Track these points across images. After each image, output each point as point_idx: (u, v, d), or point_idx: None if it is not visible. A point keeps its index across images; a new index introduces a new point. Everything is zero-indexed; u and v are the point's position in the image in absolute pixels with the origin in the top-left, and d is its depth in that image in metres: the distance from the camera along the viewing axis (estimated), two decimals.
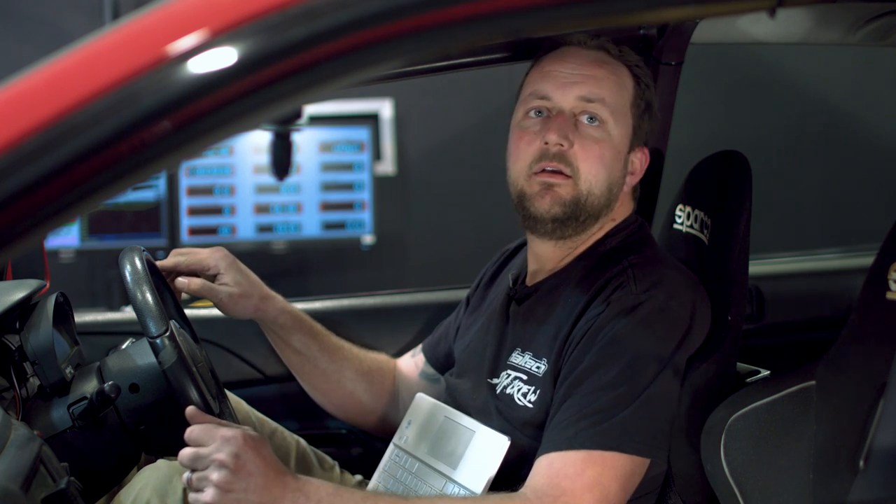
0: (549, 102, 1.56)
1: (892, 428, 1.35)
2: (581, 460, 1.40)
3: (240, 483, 1.35)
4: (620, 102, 1.56)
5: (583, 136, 1.53)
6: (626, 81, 1.58)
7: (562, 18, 0.99)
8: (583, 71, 1.56)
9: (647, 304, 1.46)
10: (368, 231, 3.75)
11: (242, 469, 1.35)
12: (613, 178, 1.56)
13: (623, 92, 1.57)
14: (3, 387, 1.55)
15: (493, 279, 1.82)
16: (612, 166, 1.55)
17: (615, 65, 1.59)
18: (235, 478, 1.35)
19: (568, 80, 1.55)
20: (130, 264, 1.57)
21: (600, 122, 1.54)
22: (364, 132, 3.81)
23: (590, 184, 1.53)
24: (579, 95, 1.54)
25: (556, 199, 1.54)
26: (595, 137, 1.54)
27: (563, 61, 1.58)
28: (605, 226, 1.60)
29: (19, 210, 0.85)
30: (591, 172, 1.53)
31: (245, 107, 0.88)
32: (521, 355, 1.56)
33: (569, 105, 1.55)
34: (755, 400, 1.49)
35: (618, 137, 1.55)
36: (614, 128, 1.55)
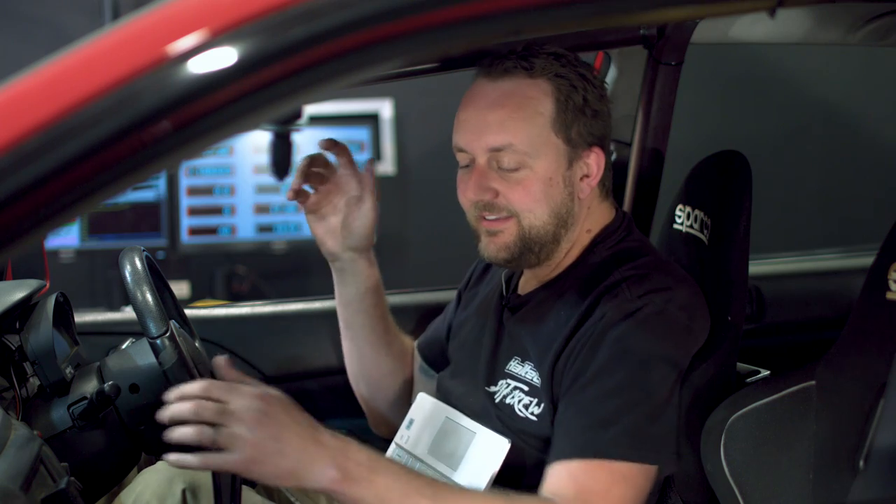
0: (466, 154, 1.56)
1: (892, 428, 1.35)
2: (604, 477, 1.39)
3: (272, 443, 1.29)
4: (535, 133, 1.51)
5: (505, 180, 1.52)
6: (539, 106, 1.52)
7: (562, 18, 0.99)
8: (486, 116, 1.52)
9: (645, 309, 1.46)
10: None
11: (272, 426, 1.29)
12: (555, 202, 1.53)
13: (536, 120, 1.51)
14: (3, 387, 1.55)
15: (484, 274, 1.81)
16: (546, 195, 1.52)
17: (524, 91, 1.52)
18: (267, 436, 1.29)
19: (475, 130, 1.53)
20: (130, 264, 1.57)
21: (517, 164, 1.52)
22: (364, 132, 3.81)
23: (529, 219, 1.53)
24: (487, 147, 1.52)
25: (500, 245, 1.54)
26: (517, 179, 1.52)
27: (469, 107, 1.55)
28: (581, 237, 1.59)
29: (19, 210, 0.85)
30: (526, 209, 1.52)
31: (245, 107, 0.88)
32: (521, 365, 1.55)
33: (482, 156, 1.53)
34: (755, 400, 1.49)
35: (543, 167, 1.52)
36: (536, 161, 1.51)
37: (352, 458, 1.33)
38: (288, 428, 1.31)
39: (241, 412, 1.29)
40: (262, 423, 1.29)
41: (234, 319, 2.22)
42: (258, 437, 1.29)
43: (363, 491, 1.32)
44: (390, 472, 1.34)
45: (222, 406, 1.30)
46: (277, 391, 1.36)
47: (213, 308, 2.27)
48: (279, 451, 1.29)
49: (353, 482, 1.32)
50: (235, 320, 2.22)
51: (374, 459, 1.35)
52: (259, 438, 1.29)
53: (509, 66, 1.53)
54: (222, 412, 1.29)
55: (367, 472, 1.33)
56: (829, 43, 1.85)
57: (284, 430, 1.30)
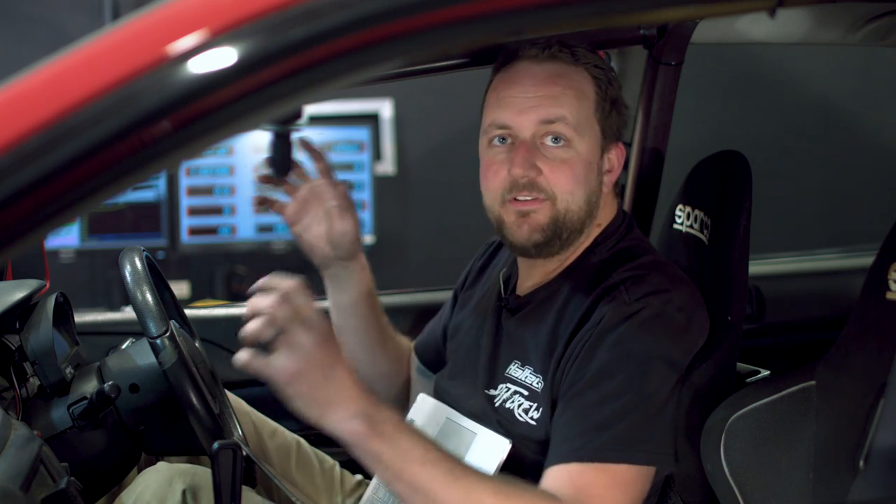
0: (509, 130, 1.53)
1: (892, 428, 1.35)
2: (603, 480, 1.39)
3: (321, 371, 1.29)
4: (583, 114, 1.52)
5: (550, 158, 1.51)
6: (585, 88, 1.54)
7: (562, 18, 0.99)
8: (538, 92, 1.52)
9: (644, 311, 1.45)
10: (368, 231, 3.75)
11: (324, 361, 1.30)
12: (590, 189, 1.54)
13: (584, 101, 1.53)
14: (3, 387, 1.55)
15: (481, 274, 1.81)
16: (586, 179, 1.53)
17: (571, 73, 1.54)
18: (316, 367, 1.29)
19: (524, 105, 1.52)
20: (130, 264, 1.57)
21: (565, 141, 1.51)
22: (364, 132, 3.81)
23: (567, 202, 1.52)
24: (538, 120, 1.51)
25: (533, 226, 1.52)
26: (562, 158, 1.51)
27: (516, 84, 1.54)
28: (592, 232, 1.59)
29: (19, 210, 0.85)
30: (566, 191, 1.52)
31: (245, 107, 0.88)
32: (521, 369, 1.55)
33: (529, 131, 1.52)
34: (755, 400, 1.49)
35: (586, 150, 1.53)
36: (580, 142, 1.52)
37: (381, 414, 1.33)
38: (335, 368, 1.31)
39: (309, 327, 1.30)
40: (320, 348, 1.30)
41: (234, 319, 2.22)
42: (313, 356, 1.29)
43: (384, 447, 1.32)
44: (414, 438, 1.35)
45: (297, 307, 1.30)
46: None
47: (213, 308, 2.27)
48: (323, 378, 1.30)
49: (377, 437, 1.32)
50: (235, 320, 2.21)
51: (400, 422, 1.35)
52: (313, 358, 1.29)
53: (555, 52, 1.54)
54: (295, 319, 1.30)
55: (392, 430, 1.33)
56: (829, 43, 1.85)
57: (330, 367, 1.30)
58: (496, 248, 1.82)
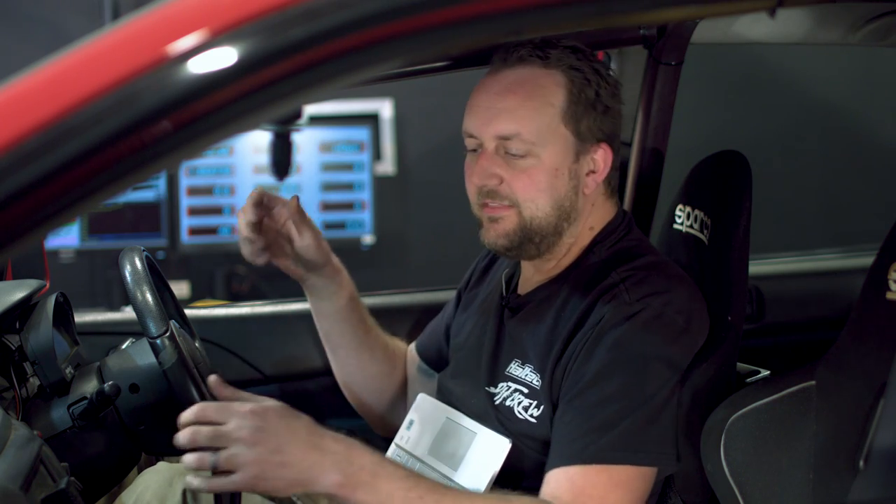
0: (475, 140, 1.55)
1: (892, 428, 1.35)
2: (603, 481, 1.40)
3: (272, 457, 1.29)
4: (545, 123, 1.51)
5: (511, 167, 1.52)
6: (550, 96, 1.52)
7: (562, 18, 0.99)
8: (497, 104, 1.52)
9: (644, 312, 1.45)
10: (368, 231, 3.75)
11: (270, 442, 1.29)
12: (559, 194, 1.53)
13: (546, 110, 1.52)
14: (3, 387, 1.55)
15: (484, 274, 1.81)
16: (550, 186, 1.52)
17: (537, 80, 1.53)
18: (266, 452, 1.29)
19: (485, 116, 1.53)
20: (130, 264, 1.57)
21: (524, 152, 1.52)
22: (364, 132, 3.81)
23: (531, 209, 1.52)
24: (495, 134, 1.52)
25: (499, 231, 1.54)
26: (523, 167, 1.52)
27: (481, 92, 1.55)
28: (584, 234, 1.59)
29: (19, 210, 0.85)
30: (528, 199, 1.52)
31: (245, 107, 0.88)
32: (522, 367, 1.55)
33: (491, 143, 1.53)
34: (755, 400, 1.49)
35: (550, 157, 1.52)
36: (543, 150, 1.51)
37: (355, 462, 1.34)
38: (287, 439, 1.31)
39: (236, 432, 1.30)
40: (259, 439, 1.30)
41: (234, 319, 2.22)
42: (258, 453, 1.29)
43: (366, 495, 1.33)
44: (393, 477, 1.35)
45: (217, 429, 1.31)
46: (273, 401, 1.37)
47: (213, 308, 2.27)
48: (281, 463, 1.30)
49: (357, 487, 1.33)
50: (235, 320, 2.22)
51: (378, 463, 1.35)
52: (259, 455, 1.29)
53: (524, 55, 1.53)
54: (218, 435, 1.30)
55: (370, 476, 1.33)
56: (829, 43, 1.85)
57: (284, 441, 1.31)
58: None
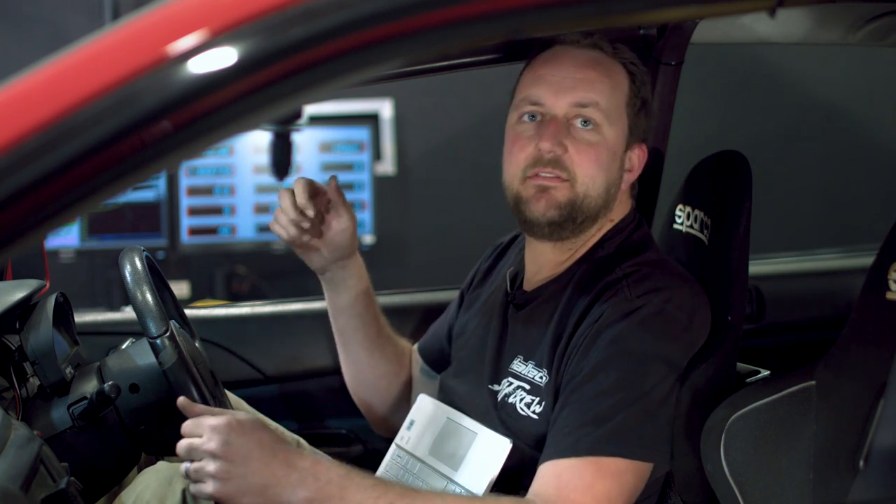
0: (542, 108, 1.55)
1: (892, 428, 1.35)
2: (590, 472, 1.39)
3: (236, 469, 1.33)
4: (614, 103, 1.55)
5: (577, 139, 1.53)
6: (620, 81, 1.57)
7: (562, 18, 0.99)
8: (575, 74, 1.55)
9: (644, 309, 1.46)
10: (368, 231, 3.75)
11: (236, 455, 1.33)
12: (611, 178, 1.56)
13: (617, 92, 1.56)
14: (3, 387, 1.55)
15: (488, 274, 1.81)
16: (608, 167, 1.55)
17: (609, 64, 1.57)
18: (230, 465, 1.33)
19: (561, 85, 1.54)
20: (130, 264, 1.57)
21: (594, 126, 1.53)
22: (364, 132, 3.81)
23: (586, 186, 1.53)
24: (572, 101, 1.53)
25: (551, 202, 1.53)
26: (590, 141, 1.53)
27: (555, 64, 1.57)
28: (604, 227, 1.59)
29: (19, 210, 0.85)
30: (587, 175, 1.53)
31: (245, 107, 0.88)
32: (524, 364, 1.55)
33: (562, 110, 1.54)
34: (755, 400, 1.49)
35: (613, 138, 1.55)
36: (609, 129, 1.54)
37: (322, 476, 1.35)
38: (251, 454, 1.34)
39: (204, 444, 1.34)
40: (222, 454, 1.33)
41: (234, 319, 2.22)
42: (221, 467, 1.33)
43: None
44: (361, 487, 1.36)
45: (191, 441, 1.36)
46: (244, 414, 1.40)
47: (213, 308, 2.27)
48: (244, 476, 1.33)
49: (326, 501, 1.34)
50: (235, 320, 2.22)
51: (345, 476, 1.37)
52: (222, 468, 1.33)
53: (596, 41, 1.58)
54: (192, 449, 1.35)
55: (337, 489, 1.35)
56: (829, 43, 1.85)
57: (247, 456, 1.34)
58: (503, 249, 1.83)
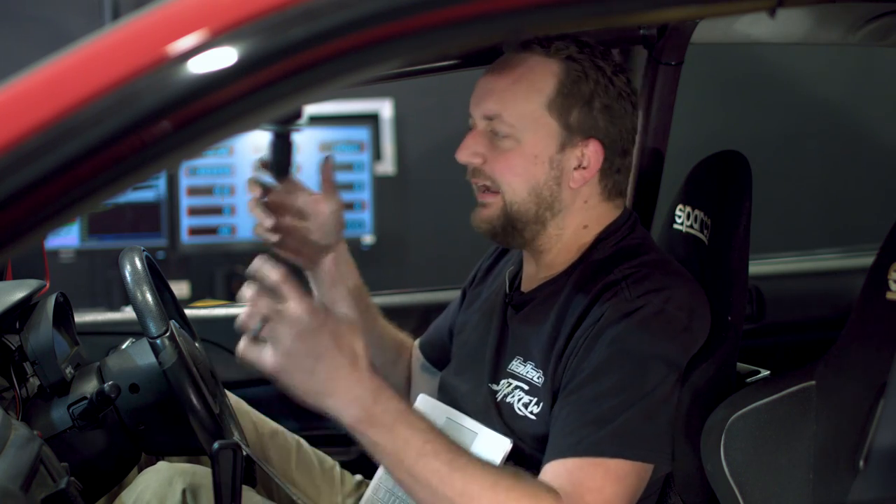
0: (471, 119, 1.60)
1: (892, 428, 1.35)
2: (599, 474, 1.39)
3: (306, 362, 1.28)
4: (528, 108, 1.53)
5: (494, 148, 1.56)
6: (540, 83, 1.54)
7: (562, 18, 0.99)
8: (488, 84, 1.57)
9: (644, 309, 1.46)
10: (368, 231, 3.75)
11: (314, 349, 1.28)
12: (537, 182, 1.55)
13: (532, 96, 1.53)
14: (3, 387, 1.55)
15: (489, 273, 1.81)
16: (526, 172, 1.54)
17: (530, 65, 1.55)
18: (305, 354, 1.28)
19: (478, 97, 1.58)
20: (130, 264, 1.57)
21: (505, 134, 1.55)
22: (364, 132, 3.81)
23: (510, 194, 1.55)
24: (482, 114, 1.57)
25: (482, 217, 1.59)
26: (503, 148, 1.55)
27: (484, 74, 1.60)
28: (578, 233, 1.58)
29: (19, 210, 0.85)
30: (506, 182, 1.55)
31: (245, 107, 0.88)
32: (523, 364, 1.55)
33: (480, 122, 1.58)
34: (755, 400, 1.49)
35: (530, 143, 1.54)
36: (523, 135, 1.54)
37: (381, 402, 1.31)
38: (327, 353, 1.29)
39: (289, 319, 1.28)
40: (303, 338, 1.28)
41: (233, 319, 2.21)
42: (294, 349, 1.28)
43: (382, 437, 1.32)
44: (413, 427, 1.33)
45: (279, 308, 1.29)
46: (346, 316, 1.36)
47: (213, 308, 2.27)
48: (310, 370, 1.29)
49: (375, 427, 1.31)
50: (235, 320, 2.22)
51: (403, 410, 1.33)
52: (294, 351, 1.28)
53: (529, 42, 1.57)
54: (275, 310, 1.29)
55: (391, 420, 1.32)
56: (829, 43, 1.85)
57: (323, 353, 1.29)
58: (505, 248, 1.83)
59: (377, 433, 1.31)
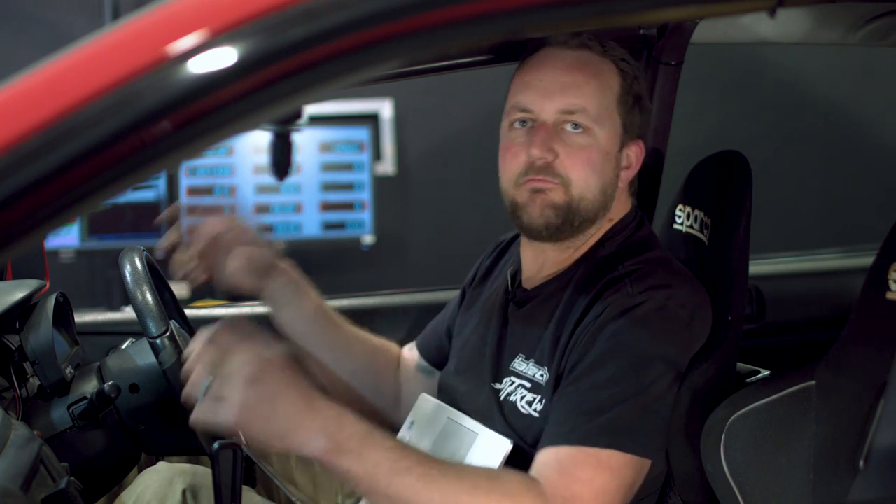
0: (531, 114, 1.55)
1: (892, 428, 1.35)
2: (591, 465, 1.39)
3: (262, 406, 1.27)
4: (604, 104, 1.54)
5: (568, 144, 1.52)
6: (610, 80, 1.56)
7: (562, 18, 0.99)
8: (562, 79, 1.54)
9: (645, 305, 1.45)
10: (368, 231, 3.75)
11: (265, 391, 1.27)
12: (606, 179, 1.55)
13: (607, 92, 1.55)
14: (3, 387, 1.56)
15: (489, 273, 1.81)
16: (602, 169, 1.54)
17: (598, 64, 1.56)
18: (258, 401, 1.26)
19: (548, 91, 1.54)
20: (130, 264, 1.57)
21: (584, 129, 1.53)
22: (364, 132, 3.81)
23: (581, 189, 1.53)
24: (560, 107, 1.53)
25: (546, 202, 1.53)
26: (581, 144, 1.52)
27: (542, 68, 1.56)
28: (604, 226, 1.59)
29: (19, 210, 0.85)
30: (580, 178, 1.53)
31: (245, 107, 0.88)
32: (525, 362, 1.55)
33: (551, 116, 1.53)
34: (755, 400, 1.49)
35: (605, 139, 1.54)
36: (600, 131, 1.53)
37: (345, 429, 1.31)
38: (280, 392, 1.28)
39: (235, 369, 1.28)
40: (253, 384, 1.27)
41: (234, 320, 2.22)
42: (247, 397, 1.27)
43: (352, 464, 1.30)
44: (381, 448, 1.32)
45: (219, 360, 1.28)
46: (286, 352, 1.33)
47: (213, 308, 2.27)
48: (268, 413, 1.27)
49: (343, 454, 1.30)
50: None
51: (368, 433, 1.32)
52: (248, 398, 1.27)
53: (584, 41, 1.56)
54: (219, 364, 1.28)
55: (357, 444, 1.31)
56: (829, 43, 1.85)
57: (277, 393, 1.28)
58: (505, 248, 1.82)
59: (347, 460, 1.30)
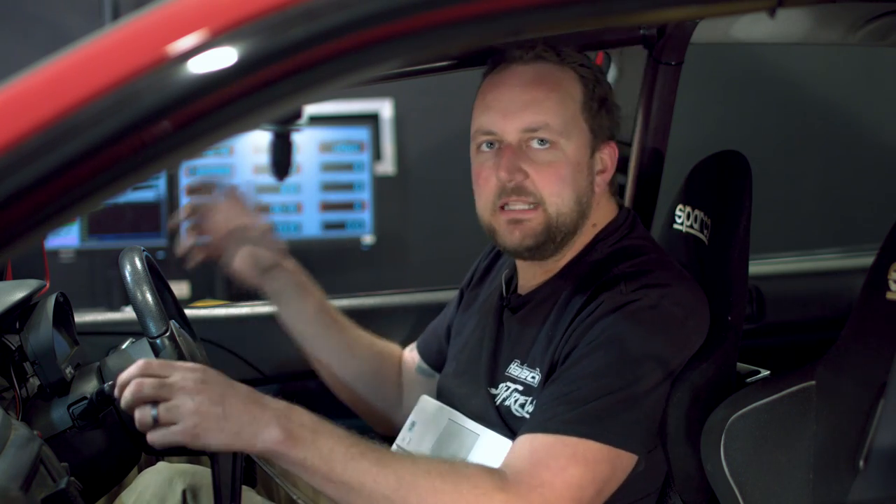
0: (495, 136, 1.54)
1: (892, 428, 1.35)
2: (565, 455, 1.38)
3: (214, 408, 1.28)
4: (568, 115, 1.53)
5: (536, 161, 1.52)
6: (571, 89, 1.54)
7: (562, 18, 0.99)
8: (521, 97, 1.52)
9: (638, 302, 1.45)
10: (368, 231, 3.75)
11: (213, 392, 1.28)
12: (580, 190, 1.54)
13: (569, 102, 1.53)
14: (3, 387, 1.55)
15: (486, 274, 1.81)
16: (574, 181, 1.53)
17: (556, 74, 1.54)
18: (209, 403, 1.28)
19: (508, 111, 1.53)
20: (130, 264, 1.57)
21: (551, 144, 1.52)
22: (364, 132, 3.81)
23: (556, 206, 1.52)
24: (522, 127, 1.52)
25: (526, 232, 1.53)
26: (548, 160, 1.52)
27: (501, 88, 1.55)
28: (587, 231, 1.59)
29: (19, 210, 0.85)
30: (553, 194, 1.52)
31: (245, 107, 0.88)
32: (520, 367, 1.55)
33: (514, 137, 1.52)
34: (755, 400, 1.49)
35: (573, 150, 1.53)
36: (567, 143, 1.52)
37: (295, 419, 1.32)
38: (228, 392, 1.30)
39: (179, 382, 1.29)
40: (201, 389, 1.28)
41: (234, 319, 2.22)
42: (199, 403, 1.28)
43: (307, 452, 1.31)
44: (334, 435, 1.33)
45: (161, 380, 1.29)
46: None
47: (213, 308, 2.27)
48: (222, 414, 1.28)
49: (297, 443, 1.31)
50: (235, 320, 2.22)
51: (318, 422, 1.34)
52: (200, 404, 1.27)
53: (540, 52, 1.55)
54: (162, 386, 1.29)
55: (310, 433, 1.32)
56: (829, 43, 1.85)
57: (225, 394, 1.29)
58: None
59: (302, 449, 1.31)
